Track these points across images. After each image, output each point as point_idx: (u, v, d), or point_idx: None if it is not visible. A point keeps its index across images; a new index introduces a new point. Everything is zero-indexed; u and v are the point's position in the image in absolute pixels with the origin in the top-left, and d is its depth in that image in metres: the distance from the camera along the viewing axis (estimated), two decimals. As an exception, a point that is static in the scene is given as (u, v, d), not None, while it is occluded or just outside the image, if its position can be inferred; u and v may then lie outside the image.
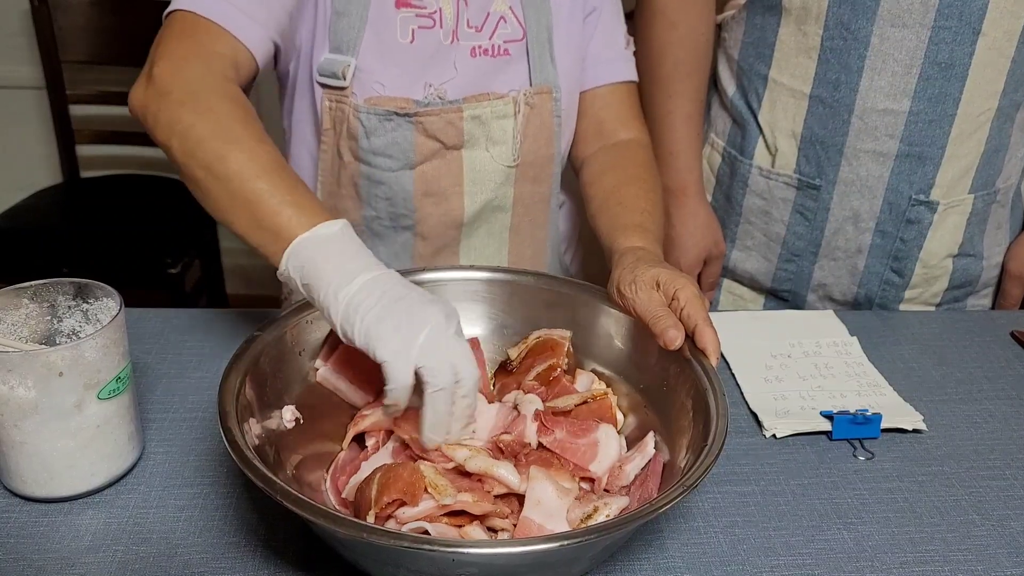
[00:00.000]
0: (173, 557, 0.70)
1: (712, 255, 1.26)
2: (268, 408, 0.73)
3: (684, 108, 1.21)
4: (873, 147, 1.11)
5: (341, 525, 0.58)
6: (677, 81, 1.20)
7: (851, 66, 1.08)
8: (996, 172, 1.15)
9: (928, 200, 1.12)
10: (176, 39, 0.85)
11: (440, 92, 0.98)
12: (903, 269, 1.18)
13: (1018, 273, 1.23)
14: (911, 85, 1.06)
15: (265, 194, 0.75)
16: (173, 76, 0.81)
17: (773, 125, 1.17)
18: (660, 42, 1.19)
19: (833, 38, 1.08)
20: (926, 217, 1.14)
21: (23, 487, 0.74)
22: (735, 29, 1.21)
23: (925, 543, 0.75)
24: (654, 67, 1.19)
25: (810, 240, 1.20)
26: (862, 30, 1.06)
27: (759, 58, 1.17)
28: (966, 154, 1.11)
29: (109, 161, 2.37)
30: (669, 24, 1.18)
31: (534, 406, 0.77)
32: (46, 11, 2.01)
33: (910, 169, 1.11)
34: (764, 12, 1.14)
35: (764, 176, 1.20)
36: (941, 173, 1.11)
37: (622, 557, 0.72)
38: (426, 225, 1.04)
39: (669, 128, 1.22)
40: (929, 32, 1.03)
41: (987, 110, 1.09)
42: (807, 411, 0.90)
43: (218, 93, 0.81)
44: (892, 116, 1.08)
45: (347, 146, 0.99)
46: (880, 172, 1.12)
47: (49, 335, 0.78)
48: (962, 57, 1.04)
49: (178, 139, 0.79)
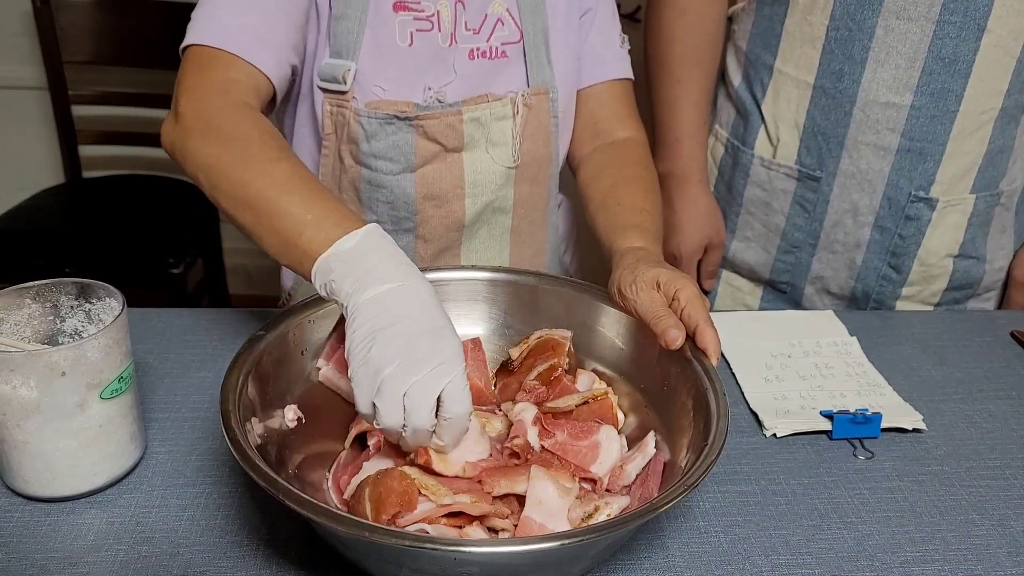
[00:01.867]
0: (175, 556, 0.70)
1: (713, 243, 1.26)
2: (270, 408, 0.73)
3: (691, 95, 1.22)
4: (874, 140, 1.11)
5: (343, 524, 0.58)
6: (685, 68, 1.20)
7: (855, 57, 1.08)
8: (1000, 174, 1.15)
9: (928, 197, 1.13)
10: (194, 74, 0.87)
11: (439, 95, 0.98)
12: (901, 266, 1.18)
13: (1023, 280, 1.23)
14: (914, 79, 1.07)
15: (285, 216, 0.75)
16: (194, 111, 0.84)
17: (776, 115, 1.18)
18: (669, 29, 1.19)
19: (838, 28, 1.08)
20: (925, 214, 1.14)
21: (25, 487, 0.74)
22: (745, 20, 1.21)
23: (925, 543, 0.75)
24: (663, 53, 1.19)
25: (809, 232, 1.20)
26: (867, 21, 1.06)
27: (766, 48, 1.17)
28: (968, 152, 1.11)
29: (111, 161, 2.37)
30: (679, 11, 1.19)
31: (531, 412, 0.77)
32: (48, 11, 2.01)
33: (910, 165, 1.11)
34: (773, 2, 1.15)
35: (765, 167, 1.20)
36: (942, 170, 1.11)
37: (623, 556, 0.72)
38: (427, 227, 1.04)
39: (675, 114, 1.22)
40: (934, 26, 1.03)
41: (990, 109, 1.09)
42: (807, 411, 0.90)
43: (234, 120, 0.83)
44: (894, 110, 1.09)
45: (348, 150, 0.99)
46: (880, 166, 1.12)
47: (52, 335, 0.78)
48: (966, 53, 1.04)
49: (204, 173, 0.81)
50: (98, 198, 2.13)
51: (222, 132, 0.82)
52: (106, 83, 2.14)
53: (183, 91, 0.86)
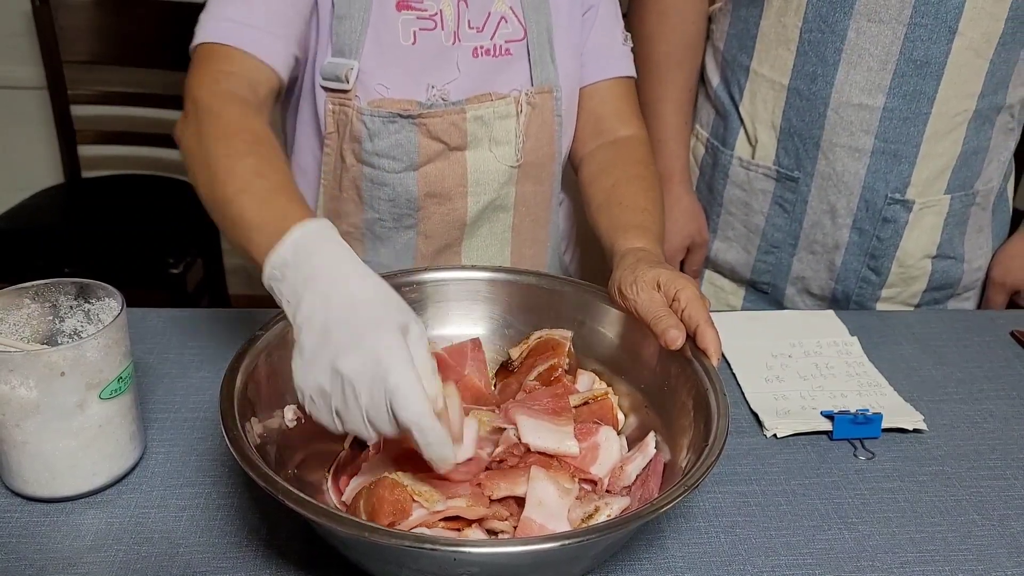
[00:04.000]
0: (175, 557, 0.70)
1: (695, 242, 1.27)
2: (270, 408, 0.73)
3: (673, 96, 1.23)
4: (848, 142, 1.11)
5: (343, 524, 0.58)
6: (667, 70, 1.21)
7: (828, 59, 1.08)
8: (975, 174, 1.15)
9: (904, 199, 1.13)
10: (201, 72, 0.88)
11: (443, 93, 0.98)
12: (880, 267, 1.18)
13: (1001, 280, 1.24)
14: (886, 81, 1.07)
15: (238, 219, 0.73)
16: (192, 106, 0.85)
17: (754, 116, 1.18)
18: (651, 31, 1.20)
19: (811, 31, 1.09)
20: (902, 216, 1.14)
21: (25, 487, 0.74)
22: (722, 21, 1.21)
23: (925, 543, 0.75)
24: (645, 55, 1.20)
25: (789, 232, 1.20)
26: (839, 24, 1.06)
27: (742, 49, 1.17)
28: (942, 154, 1.11)
29: (111, 161, 2.37)
30: (660, 13, 1.20)
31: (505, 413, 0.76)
32: (48, 11, 2.01)
33: (886, 167, 1.11)
34: (748, 4, 1.15)
35: (744, 167, 1.21)
36: (916, 172, 1.12)
37: (623, 557, 0.72)
38: (429, 225, 1.04)
39: (658, 116, 1.23)
40: (905, 29, 1.04)
41: (963, 111, 1.09)
42: (808, 411, 0.90)
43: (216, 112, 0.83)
44: (867, 112, 1.09)
45: (350, 149, 0.99)
46: (856, 168, 1.12)
47: (51, 335, 0.78)
48: (937, 56, 1.05)
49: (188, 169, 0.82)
50: (97, 198, 2.13)
51: (202, 125, 0.82)
52: (105, 83, 2.14)
53: (187, 88, 0.87)
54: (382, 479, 0.68)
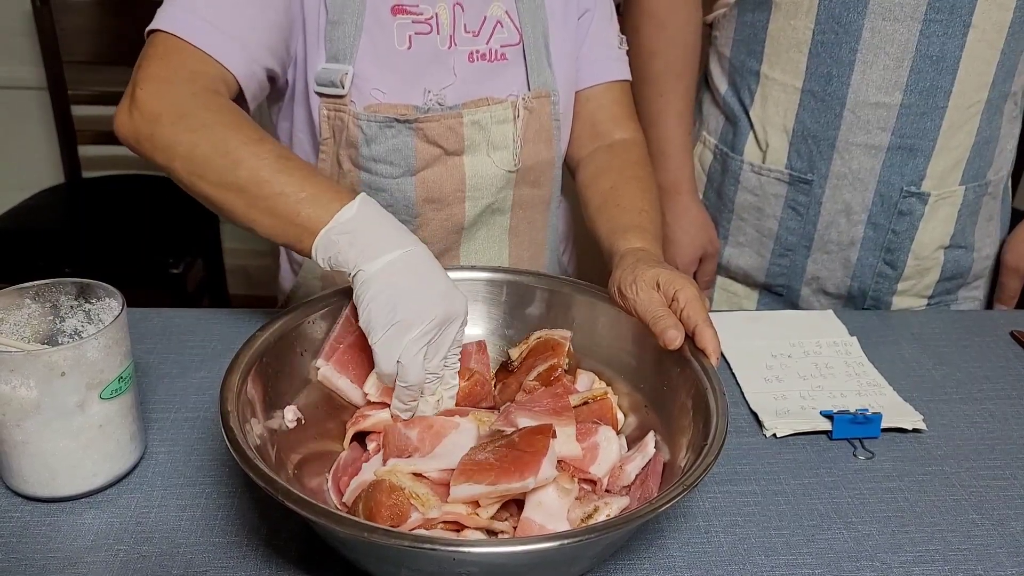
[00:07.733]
0: (175, 557, 0.70)
1: (707, 252, 1.27)
2: (270, 408, 0.73)
3: (675, 107, 1.22)
4: (865, 140, 1.11)
5: (342, 525, 0.58)
6: (667, 81, 1.21)
7: (843, 59, 1.08)
8: (987, 164, 1.16)
9: (919, 192, 1.13)
10: (159, 61, 0.85)
11: (439, 98, 0.98)
12: (896, 261, 1.18)
13: (1015, 266, 1.24)
14: (903, 78, 1.07)
15: (280, 196, 0.78)
16: (159, 98, 0.83)
17: (765, 121, 1.18)
18: (650, 43, 1.20)
19: (824, 32, 1.08)
20: (917, 209, 1.14)
21: (25, 487, 0.74)
22: (726, 27, 1.21)
23: (925, 543, 0.75)
24: (644, 67, 1.20)
25: (803, 234, 1.20)
26: (853, 24, 1.06)
27: (750, 54, 1.17)
28: (957, 146, 1.12)
29: (111, 161, 2.37)
30: (658, 25, 1.19)
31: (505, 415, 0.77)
32: (48, 12, 2.01)
33: (901, 161, 1.12)
34: (754, 8, 1.15)
35: (755, 172, 1.20)
36: (932, 165, 1.12)
37: (622, 556, 0.72)
38: (427, 230, 1.04)
39: (661, 127, 1.23)
40: (920, 25, 1.04)
41: (977, 102, 1.10)
42: (807, 411, 0.90)
43: (207, 107, 0.83)
44: (884, 109, 1.09)
45: (347, 154, 0.99)
46: (872, 165, 1.13)
47: (51, 335, 0.78)
48: (953, 50, 1.05)
49: (181, 161, 0.81)
50: (98, 198, 2.13)
51: (196, 118, 0.81)
52: (106, 83, 2.14)
53: (144, 78, 0.84)
54: (380, 482, 0.68)
